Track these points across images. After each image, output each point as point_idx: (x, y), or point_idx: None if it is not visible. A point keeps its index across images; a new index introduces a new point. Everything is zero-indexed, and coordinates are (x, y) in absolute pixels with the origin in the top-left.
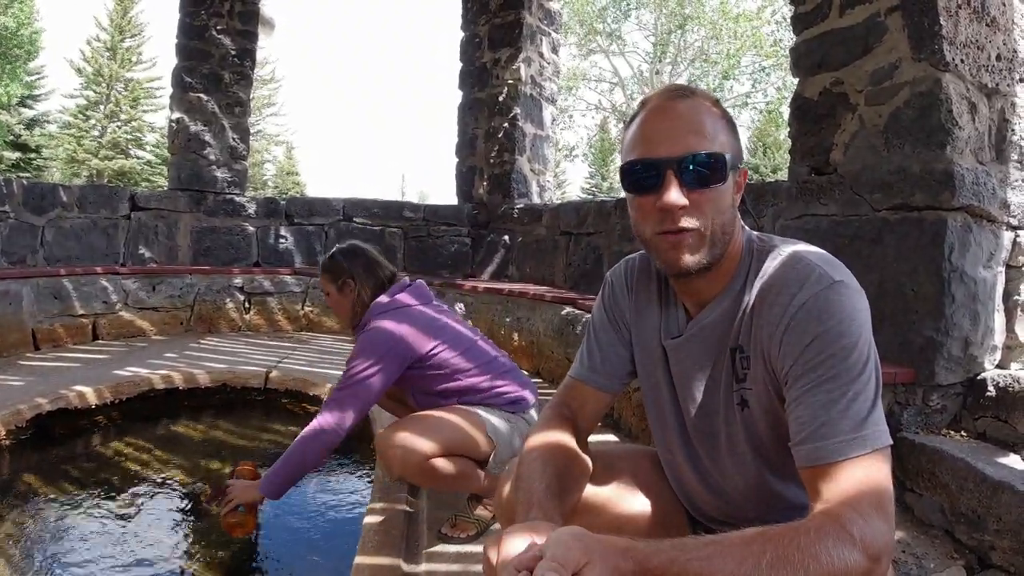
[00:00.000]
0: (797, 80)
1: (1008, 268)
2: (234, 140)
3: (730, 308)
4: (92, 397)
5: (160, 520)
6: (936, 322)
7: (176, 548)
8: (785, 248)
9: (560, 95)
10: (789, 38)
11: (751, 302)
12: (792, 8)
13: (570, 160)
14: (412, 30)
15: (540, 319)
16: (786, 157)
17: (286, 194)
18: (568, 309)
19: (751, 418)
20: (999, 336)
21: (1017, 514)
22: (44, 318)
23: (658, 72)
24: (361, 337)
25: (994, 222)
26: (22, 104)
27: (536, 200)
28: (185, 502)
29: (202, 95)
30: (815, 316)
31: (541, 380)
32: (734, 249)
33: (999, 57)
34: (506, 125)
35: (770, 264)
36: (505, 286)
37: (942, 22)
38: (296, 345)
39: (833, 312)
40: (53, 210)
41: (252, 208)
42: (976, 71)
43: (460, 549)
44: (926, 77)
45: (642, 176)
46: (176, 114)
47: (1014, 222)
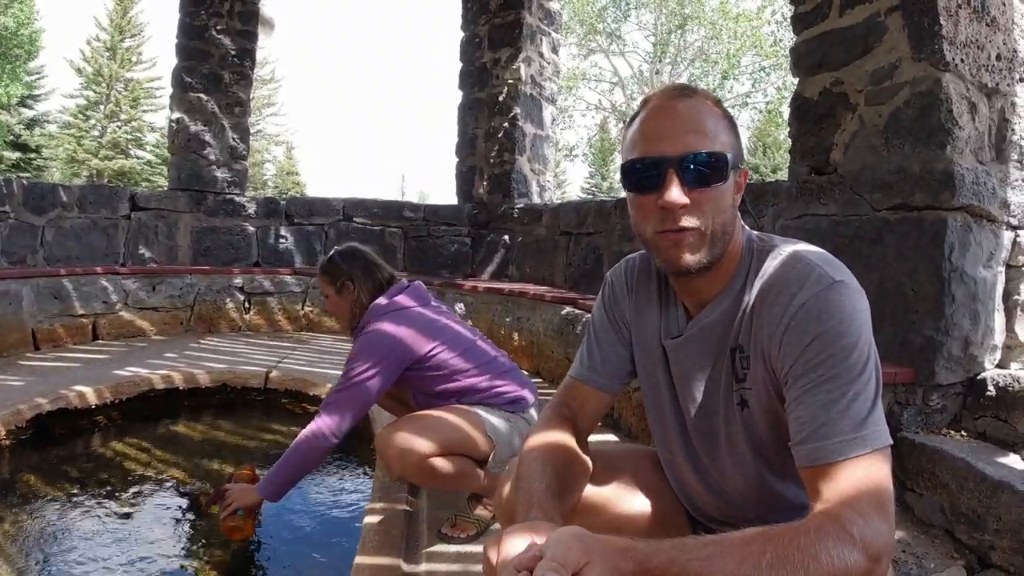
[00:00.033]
0: (797, 80)
1: (1008, 268)
2: (234, 140)
3: (730, 308)
4: (92, 397)
5: (160, 520)
6: (936, 322)
7: (176, 547)
8: (785, 248)
9: (560, 95)
10: (789, 38)
11: (751, 302)
12: (792, 8)
13: (570, 160)
14: (412, 30)
15: (540, 319)
16: (786, 157)
17: (286, 194)
18: (568, 309)
19: (751, 418)
20: (999, 336)
21: (1017, 514)
22: (44, 318)
23: (658, 72)
24: (360, 339)
25: (994, 222)
26: (22, 104)
27: (536, 200)
28: (185, 502)
29: (202, 95)
30: (815, 316)
31: (541, 380)
32: (734, 249)
33: (999, 57)
34: (506, 125)
35: (770, 264)
36: (505, 286)
37: (942, 22)
38: (296, 345)
39: (833, 312)
40: (53, 210)
41: (252, 208)
42: (976, 71)
43: (460, 549)
44: (926, 77)
45: (643, 175)
46: (176, 114)
47: (1014, 222)
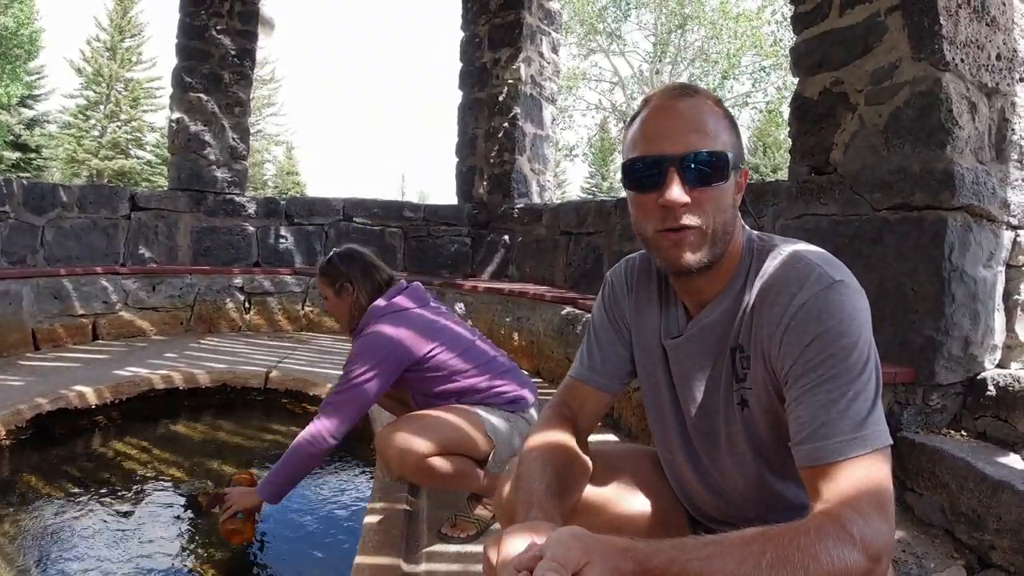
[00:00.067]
0: (797, 80)
1: (1008, 267)
2: (234, 140)
3: (730, 308)
4: (92, 397)
5: (160, 520)
6: (936, 322)
7: (176, 547)
8: (785, 247)
9: (560, 95)
10: (789, 38)
11: (751, 302)
12: (792, 8)
13: (570, 160)
14: (412, 30)
15: (540, 319)
16: (786, 157)
17: (286, 194)
18: (568, 309)
19: (751, 418)
20: (999, 335)
21: (1017, 514)
22: (44, 318)
23: (658, 72)
24: (359, 341)
25: (994, 222)
26: (22, 104)
27: (536, 200)
28: (185, 502)
29: (202, 95)
30: (815, 316)
31: (541, 380)
32: (734, 248)
33: (999, 56)
34: (506, 125)
35: (770, 264)
36: (505, 286)
37: (942, 22)
38: (296, 345)
39: (833, 312)
40: (53, 210)
41: (252, 208)
42: (976, 71)
43: (460, 549)
44: (926, 77)
45: (644, 174)
46: (176, 114)
47: (1014, 221)
